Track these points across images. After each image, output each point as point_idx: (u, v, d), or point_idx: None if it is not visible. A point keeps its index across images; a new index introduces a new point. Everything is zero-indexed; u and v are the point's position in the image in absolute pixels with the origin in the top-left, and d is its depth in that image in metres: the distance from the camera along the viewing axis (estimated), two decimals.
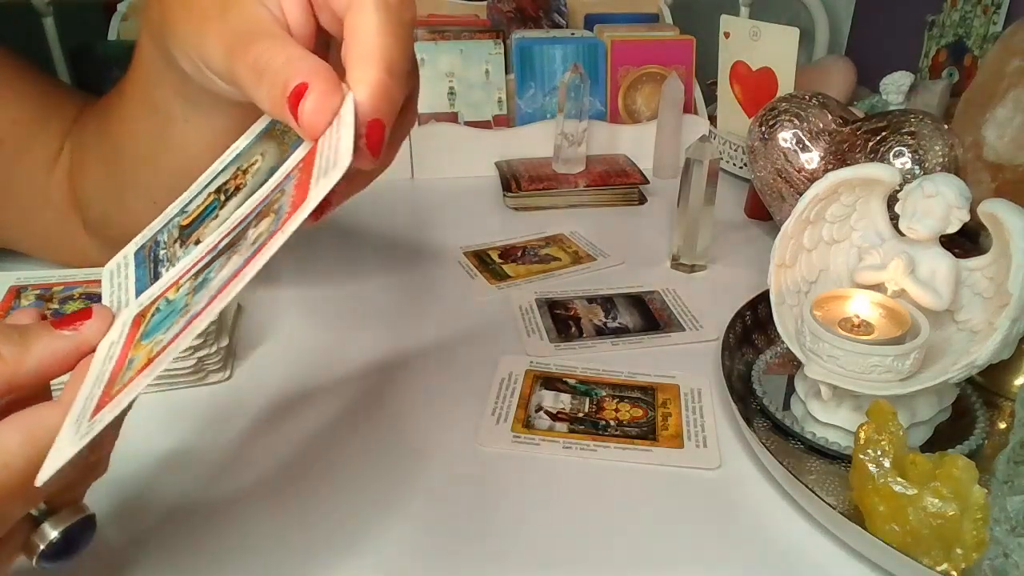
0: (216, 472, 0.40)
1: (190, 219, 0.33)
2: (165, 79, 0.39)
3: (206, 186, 0.34)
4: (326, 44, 0.33)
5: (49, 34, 1.01)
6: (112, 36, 0.97)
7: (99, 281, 0.50)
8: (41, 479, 0.24)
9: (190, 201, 0.34)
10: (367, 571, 0.35)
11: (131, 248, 0.34)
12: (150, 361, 0.24)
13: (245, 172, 0.32)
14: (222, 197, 0.32)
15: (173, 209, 0.34)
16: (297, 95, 0.27)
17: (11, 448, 0.24)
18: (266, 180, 0.30)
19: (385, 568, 0.35)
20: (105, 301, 0.32)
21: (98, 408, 0.24)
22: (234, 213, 0.30)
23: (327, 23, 0.32)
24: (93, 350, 0.28)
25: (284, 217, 0.25)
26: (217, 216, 0.31)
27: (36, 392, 0.28)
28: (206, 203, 0.33)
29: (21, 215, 0.54)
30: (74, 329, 0.28)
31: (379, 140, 0.27)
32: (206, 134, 0.41)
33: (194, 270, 0.28)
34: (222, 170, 0.34)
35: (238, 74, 0.29)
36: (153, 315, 0.28)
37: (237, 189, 0.32)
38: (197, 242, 0.31)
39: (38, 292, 0.49)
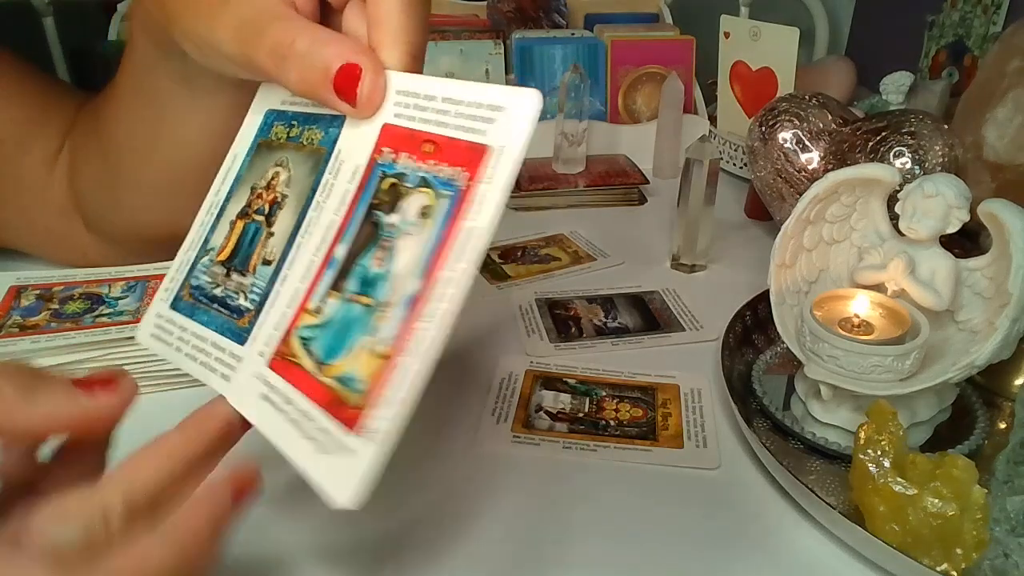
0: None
1: (226, 251, 0.32)
2: (160, 69, 0.39)
3: (217, 216, 0.33)
4: (325, 13, 0.33)
5: (49, 34, 1.02)
6: (112, 36, 0.97)
7: (99, 281, 0.51)
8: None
9: (206, 237, 0.33)
10: (365, 570, 0.35)
11: (160, 307, 0.32)
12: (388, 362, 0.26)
13: (269, 188, 0.32)
14: (258, 217, 0.31)
15: (188, 253, 0.33)
16: (347, 77, 0.27)
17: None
18: (315, 183, 0.30)
19: (382, 567, 0.35)
20: (172, 361, 0.31)
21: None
22: (320, 220, 0.29)
23: None
24: (104, 426, 0.26)
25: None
26: (272, 234, 0.30)
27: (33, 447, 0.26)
28: (237, 231, 0.32)
29: (22, 214, 0.54)
30: (91, 397, 0.26)
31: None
32: (205, 118, 0.40)
33: (327, 278, 0.28)
34: (228, 196, 0.33)
35: (257, 61, 0.29)
36: (312, 337, 0.27)
37: (274, 204, 0.31)
38: (266, 262, 0.30)
39: (38, 292, 0.49)
